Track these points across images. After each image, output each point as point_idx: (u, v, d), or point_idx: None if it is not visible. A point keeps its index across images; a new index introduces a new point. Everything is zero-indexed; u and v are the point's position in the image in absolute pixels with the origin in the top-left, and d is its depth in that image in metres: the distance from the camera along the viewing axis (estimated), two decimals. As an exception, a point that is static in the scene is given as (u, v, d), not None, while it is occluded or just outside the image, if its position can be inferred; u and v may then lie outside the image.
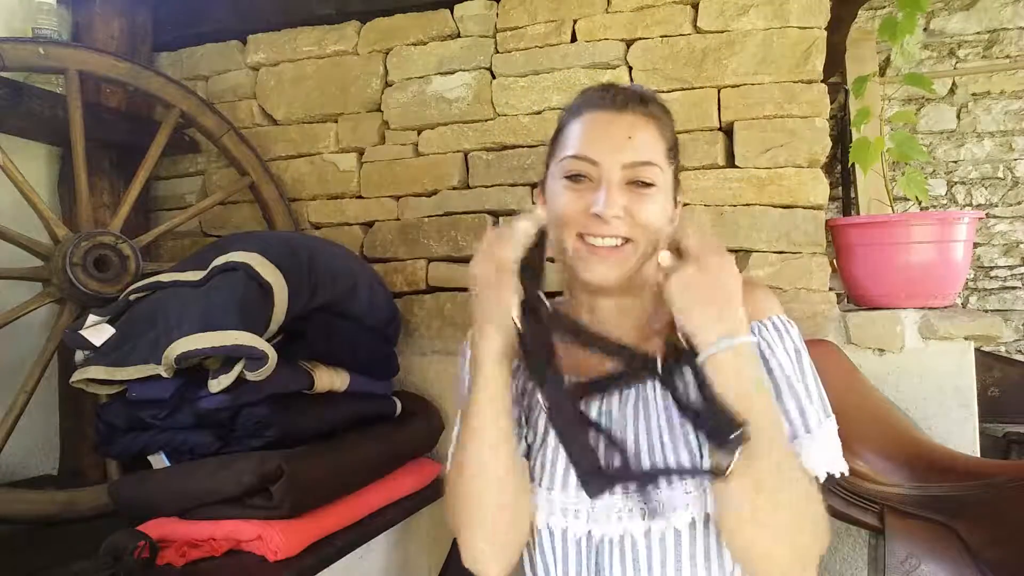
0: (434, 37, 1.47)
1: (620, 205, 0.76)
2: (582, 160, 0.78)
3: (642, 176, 0.77)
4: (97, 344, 1.02)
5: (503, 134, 1.41)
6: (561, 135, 0.83)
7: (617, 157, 0.77)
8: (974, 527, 0.92)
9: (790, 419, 0.75)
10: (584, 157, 0.78)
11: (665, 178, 0.79)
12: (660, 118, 0.81)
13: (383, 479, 1.19)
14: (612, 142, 0.78)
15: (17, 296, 1.24)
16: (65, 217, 1.41)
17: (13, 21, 1.39)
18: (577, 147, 0.79)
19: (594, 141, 0.78)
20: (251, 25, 1.59)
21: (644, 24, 1.32)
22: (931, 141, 2.81)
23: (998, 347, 2.67)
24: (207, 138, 1.48)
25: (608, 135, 0.78)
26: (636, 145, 0.77)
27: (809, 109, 1.23)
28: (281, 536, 0.94)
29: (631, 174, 0.77)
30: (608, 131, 0.78)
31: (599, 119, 0.79)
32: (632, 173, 0.77)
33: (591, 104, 0.81)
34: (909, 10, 1.22)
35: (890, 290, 1.22)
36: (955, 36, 2.76)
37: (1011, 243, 2.79)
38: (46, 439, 1.41)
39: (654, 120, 0.80)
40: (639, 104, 0.80)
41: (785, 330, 0.80)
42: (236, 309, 1.00)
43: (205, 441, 1.01)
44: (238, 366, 0.97)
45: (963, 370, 1.18)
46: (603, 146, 0.78)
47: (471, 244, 1.42)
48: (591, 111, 0.80)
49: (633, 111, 0.79)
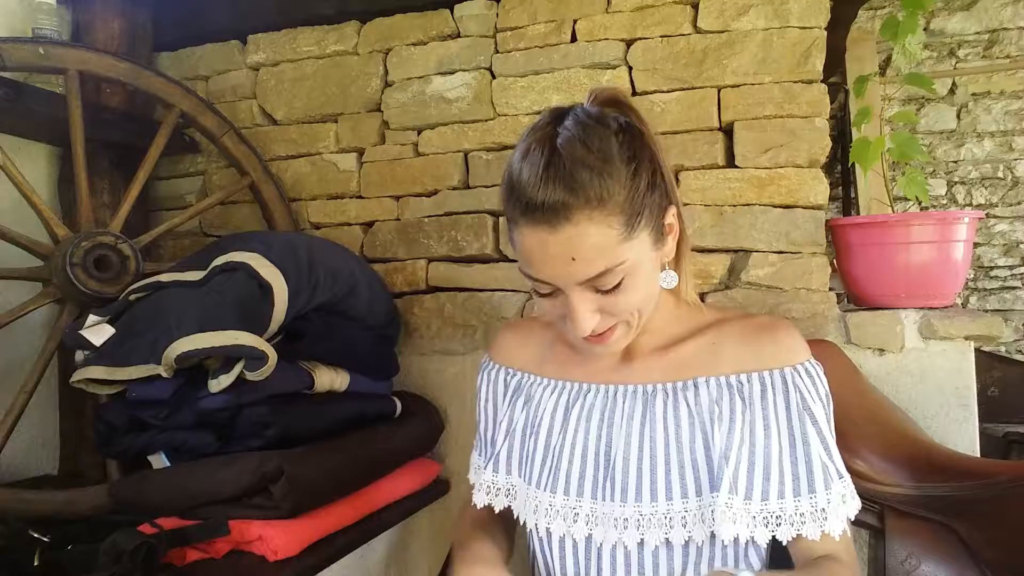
0: (434, 37, 1.47)
1: (592, 315, 0.73)
2: (540, 282, 0.74)
3: (602, 285, 0.72)
4: (97, 344, 1.02)
5: (503, 134, 1.41)
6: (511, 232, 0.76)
7: (568, 279, 0.71)
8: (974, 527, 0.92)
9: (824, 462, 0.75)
10: (540, 280, 0.74)
11: (635, 252, 0.72)
12: (602, 197, 0.69)
13: (383, 479, 1.20)
14: (557, 265, 0.71)
15: (17, 296, 1.24)
16: (65, 217, 1.42)
17: (13, 21, 1.39)
18: (528, 268, 0.74)
19: (541, 266, 0.72)
20: (251, 25, 1.59)
21: (644, 24, 1.32)
22: (931, 141, 2.81)
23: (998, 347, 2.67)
24: (207, 138, 1.48)
25: (551, 257, 0.71)
26: (581, 263, 0.70)
27: (809, 109, 1.23)
28: (281, 536, 0.94)
29: (591, 285, 0.72)
30: (549, 253, 0.70)
31: (537, 238, 0.71)
32: (592, 284, 0.72)
33: (525, 213, 0.71)
34: (911, 10, 1.22)
35: (890, 290, 1.22)
36: (955, 36, 2.76)
37: (1011, 243, 2.79)
38: (46, 439, 1.41)
39: (595, 210, 0.68)
40: (572, 200, 0.68)
41: (818, 375, 0.79)
42: (236, 309, 1.00)
43: (205, 441, 1.01)
44: (238, 366, 0.97)
45: (963, 370, 1.18)
46: (551, 271, 0.72)
47: (471, 244, 1.42)
48: (527, 225, 0.71)
49: (567, 216, 0.68)
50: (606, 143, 0.71)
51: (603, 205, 0.69)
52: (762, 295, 1.24)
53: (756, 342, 0.80)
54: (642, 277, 0.74)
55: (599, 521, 0.77)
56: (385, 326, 1.32)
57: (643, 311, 0.77)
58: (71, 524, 1.04)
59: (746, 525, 0.73)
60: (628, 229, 0.71)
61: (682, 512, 0.75)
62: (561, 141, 0.71)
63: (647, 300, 0.77)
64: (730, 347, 0.81)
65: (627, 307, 0.74)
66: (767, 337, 0.80)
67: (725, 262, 1.27)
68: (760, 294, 1.24)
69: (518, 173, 0.72)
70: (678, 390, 0.80)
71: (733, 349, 0.80)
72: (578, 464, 0.81)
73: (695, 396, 0.79)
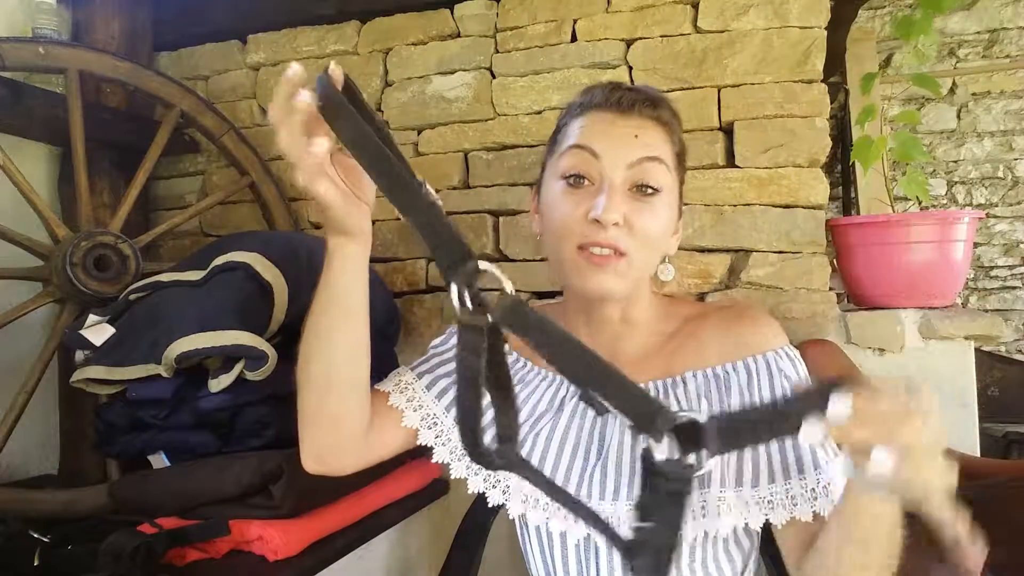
0: (434, 37, 1.47)
1: (621, 212, 0.71)
2: (584, 150, 0.73)
3: (648, 177, 0.72)
4: (97, 344, 1.02)
5: (503, 134, 1.41)
6: (560, 134, 0.79)
7: (621, 154, 0.72)
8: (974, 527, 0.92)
9: None
10: (586, 147, 0.73)
11: (672, 182, 0.75)
12: (670, 123, 0.76)
13: (383, 479, 1.19)
14: (617, 139, 0.72)
15: (17, 296, 1.24)
16: (65, 217, 1.41)
17: (13, 21, 1.38)
18: (578, 137, 0.74)
19: (597, 135, 0.73)
20: (251, 25, 1.59)
21: (644, 24, 1.32)
22: (931, 141, 2.81)
23: (998, 347, 2.67)
24: (207, 138, 1.48)
25: (613, 131, 0.73)
26: (642, 141, 0.72)
27: (809, 109, 1.23)
28: (281, 536, 0.94)
29: (636, 174, 0.72)
30: (613, 127, 0.73)
31: (604, 117, 0.74)
32: (638, 173, 0.72)
33: (595, 103, 0.76)
34: (927, 10, 1.21)
35: (890, 290, 1.22)
36: (955, 36, 2.77)
37: (1011, 243, 2.79)
38: (46, 439, 1.40)
39: (663, 125, 0.75)
40: (648, 107, 0.74)
41: (798, 358, 0.80)
42: (236, 309, 1.00)
43: (205, 441, 1.01)
44: (238, 366, 0.97)
45: (963, 370, 1.18)
46: (607, 141, 0.72)
47: (471, 244, 1.41)
48: (595, 110, 0.75)
49: (641, 114, 0.74)
50: (671, 100, 0.80)
51: (667, 127, 0.76)
52: (762, 295, 1.23)
53: (737, 332, 0.81)
54: (665, 214, 0.76)
55: None
56: (385, 326, 1.32)
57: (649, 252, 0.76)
58: (71, 524, 1.04)
59: (740, 513, 0.73)
60: (676, 159, 0.77)
61: None
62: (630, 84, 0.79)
63: (658, 241, 0.76)
64: (714, 339, 0.81)
65: (645, 228, 0.73)
66: (748, 325, 0.81)
67: (725, 262, 1.27)
68: (760, 294, 1.24)
69: (587, 94, 0.78)
70: (668, 386, 0.80)
71: (717, 341, 0.81)
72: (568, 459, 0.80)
73: (684, 391, 0.79)
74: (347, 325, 0.71)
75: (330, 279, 0.70)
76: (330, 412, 0.75)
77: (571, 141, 0.75)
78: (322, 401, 0.75)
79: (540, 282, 1.37)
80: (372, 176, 0.51)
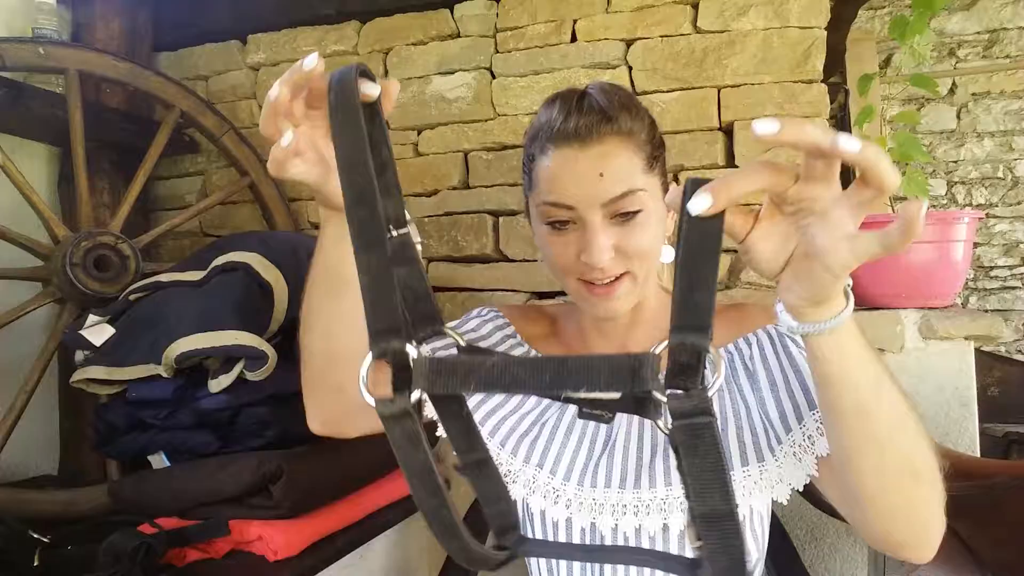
0: (434, 37, 1.47)
1: (608, 246, 0.73)
2: (558, 207, 0.74)
3: (625, 206, 0.73)
4: (97, 344, 1.03)
5: (503, 134, 1.41)
6: (532, 172, 0.79)
7: (592, 195, 0.73)
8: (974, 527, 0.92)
9: None
10: (559, 204, 0.74)
11: (651, 190, 0.76)
12: (631, 130, 0.75)
13: (383, 479, 1.19)
14: (584, 183, 0.73)
15: (17, 296, 1.24)
16: (65, 217, 1.41)
17: (13, 21, 1.38)
18: (549, 194, 0.75)
19: (566, 185, 0.74)
20: (251, 25, 1.59)
21: (644, 24, 1.32)
22: (931, 141, 2.81)
23: (998, 347, 2.67)
24: (207, 138, 1.48)
25: (577, 175, 0.73)
26: (609, 180, 0.73)
27: (809, 109, 1.23)
28: (281, 536, 0.94)
29: (612, 209, 0.73)
30: (576, 170, 0.73)
31: (566, 157, 0.74)
32: (613, 208, 0.73)
33: (554, 138, 0.75)
34: (921, 10, 1.21)
35: (890, 290, 1.22)
36: (955, 36, 2.77)
37: (1011, 243, 2.79)
38: (46, 439, 1.40)
39: (624, 137, 0.75)
40: (605, 124, 0.74)
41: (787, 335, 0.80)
42: (236, 309, 1.00)
43: (205, 441, 1.01)
44: (238, 366, 0.97)
45: (963, 370, 1.18)
46: (575, 189, 0.73)
47: (471, 244, 1.42)
48: (556, 148, 0.75)
49: (599, 137, 0.73)
50: (629, 95, 0.79)
51: (630, 137, 0.75)
52: (762, 295, 1.24)
53: (728, 317, 0.83)
54: (653, 222, 0.76)
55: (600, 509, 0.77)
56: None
57: (650, 262, 0.77)
58: (71, 524, 1.04)
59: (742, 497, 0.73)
60: (649, 164, 0.76)
61: (680, 497, 0.75)
62: (590, 89, 0.77)
63: (654, 249, 0.77)
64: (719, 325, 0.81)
65: (639, 247, 0.75)
66: (736, 311, 0.84)
67: (725, 262, 1.27)
68: (760, 294, 1.24)
69: (547, 116, 0.77)
70: None
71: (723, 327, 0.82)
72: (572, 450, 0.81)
73: None
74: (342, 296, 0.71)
75: (323, 251, 0.70)
76: (333, 382, 0.76)
77: (544, 196, 0.76)
78: (324, 371, 0.76)
79: (540, 282, 1.37)
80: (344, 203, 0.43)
